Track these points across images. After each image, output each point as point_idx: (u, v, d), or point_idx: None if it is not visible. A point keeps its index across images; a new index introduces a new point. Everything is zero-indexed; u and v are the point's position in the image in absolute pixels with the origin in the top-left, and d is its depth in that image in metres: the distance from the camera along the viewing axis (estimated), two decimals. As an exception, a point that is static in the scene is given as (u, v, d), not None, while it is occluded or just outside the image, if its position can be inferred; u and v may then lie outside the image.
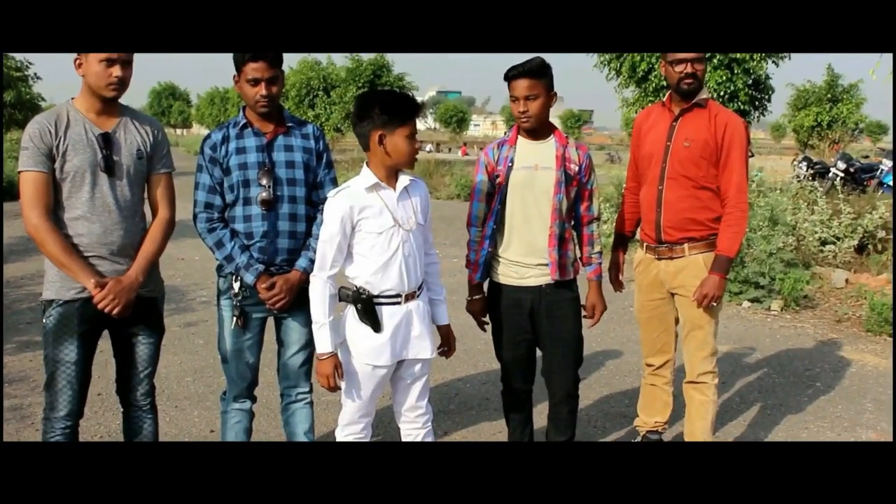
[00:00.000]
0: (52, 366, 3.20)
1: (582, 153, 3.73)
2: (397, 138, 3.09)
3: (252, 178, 3.46)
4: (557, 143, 3.67)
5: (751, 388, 5.75)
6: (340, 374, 3.24)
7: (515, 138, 3.72)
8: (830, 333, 7.37)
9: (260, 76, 3.36)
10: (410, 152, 3.13)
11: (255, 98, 3.40)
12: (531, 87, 3.52)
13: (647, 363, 4.32)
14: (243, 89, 3.43)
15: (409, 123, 3.09)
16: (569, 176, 3.65)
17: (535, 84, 3.53)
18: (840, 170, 18.50)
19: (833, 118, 28.81)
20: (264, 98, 3.39)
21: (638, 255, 4.25)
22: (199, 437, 4.65)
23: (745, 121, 3.93)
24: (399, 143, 3.10)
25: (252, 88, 3.39)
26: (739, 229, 3.85)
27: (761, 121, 18.14)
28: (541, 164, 3.64)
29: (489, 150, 3.77)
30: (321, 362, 3.23)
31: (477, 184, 3.78)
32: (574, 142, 3.77)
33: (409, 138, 3.10)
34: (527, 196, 3.65)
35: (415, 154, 3.16)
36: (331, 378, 3.21)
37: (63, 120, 3.14)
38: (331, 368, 3.20)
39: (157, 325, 3.47)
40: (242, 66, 3.37)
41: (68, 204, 3.15)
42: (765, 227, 9.25)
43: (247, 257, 3.46)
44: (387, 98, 3.13)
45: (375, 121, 3.09)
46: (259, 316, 3.60)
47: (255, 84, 3.37)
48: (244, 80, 3.40)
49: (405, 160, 3.14)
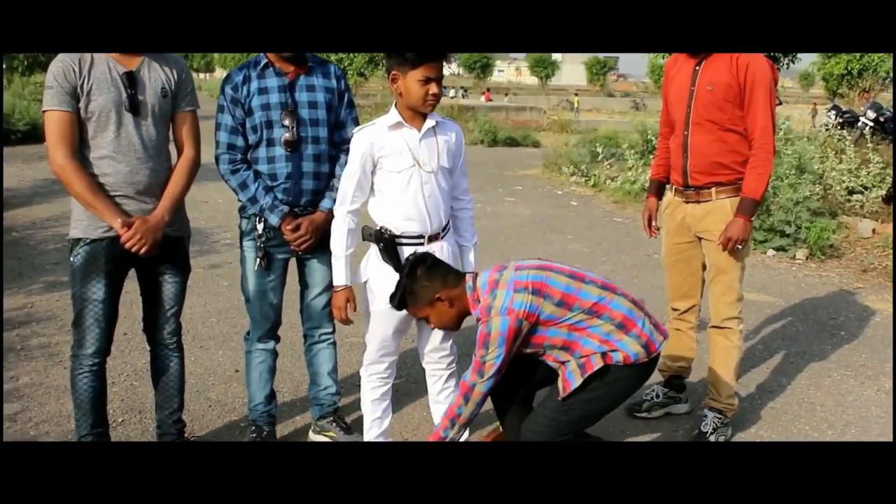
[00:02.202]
0: (80, 304, 3.22)
1: None
2: (409, 81, 3.06)
3: (275, 118, 3.43)
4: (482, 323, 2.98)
5: (774, 336, 5.74)
6: (353, 307, 3.29)
7: None
8: (856, 283, 7.30)
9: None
10: (421, 96, 3.07)
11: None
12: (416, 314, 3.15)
13: (672, 307, 4.31)
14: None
15: (420, 67, 3.03)
16: None
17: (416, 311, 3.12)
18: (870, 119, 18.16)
19: (864, 67, 28.21)
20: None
21: (666, 198, 4.22)
22: (224, 376, 4.71)
23: (770, 61, 3.85)
24: (410, 86, 3.06)
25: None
26: (765, 171, 3.78)
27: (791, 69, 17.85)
28: None
29: None
30: (336, 294, 3.29)
31: None
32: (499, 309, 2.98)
33: (422, 82, 3.04)
34: None
35: (428, 98, 3.08)
36: (342, 311, 3.28)
37: (87, 59, 3.11)
38: (343, 301, 3.26)
39: (184, 264, 3.49)
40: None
41: (94, 143, 3.14)
42: (791, 176, 9.14)
43: (271, 198, 3.45)
44: None
45: (392, 59, 3.08)
46: (282, 257, 3.61)
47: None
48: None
49: (416, 103, 3.09)
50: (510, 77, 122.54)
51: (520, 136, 21.20)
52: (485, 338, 2.86)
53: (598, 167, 13.24)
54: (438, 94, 3.10)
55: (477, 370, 2.90)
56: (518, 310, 2.83)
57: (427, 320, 3.13)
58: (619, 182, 12.03)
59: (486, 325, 2.86)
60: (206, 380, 4.65)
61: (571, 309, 2.91)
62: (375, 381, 3.40)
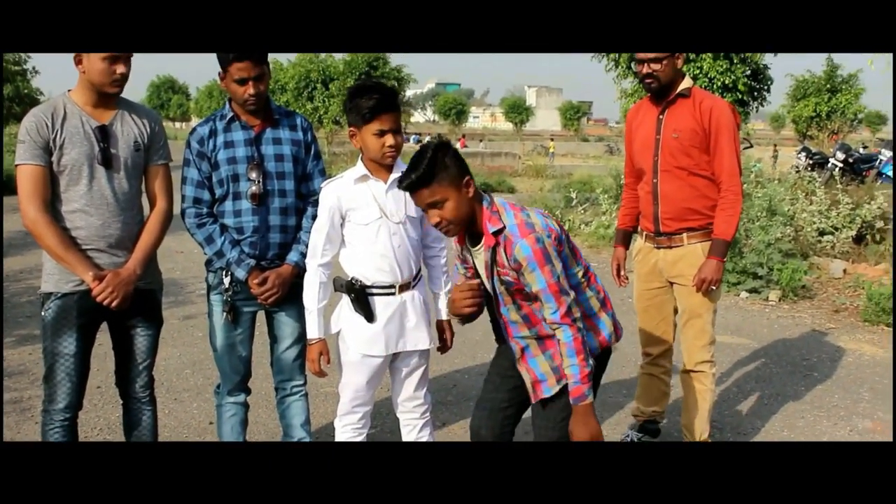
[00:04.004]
0: (51, 358, 3.21)
1: (509, 256, 2.78)
2: (365, 135, 3.10)
3: (241, 172, 3.44)
4: (484, 248, 2.88)
5: (748, 378, 5.77)
6: (327, 359, 3.30)
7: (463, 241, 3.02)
8: (828, 323, 7.38)
9: (247, 75, 3.32)
10: (378, 149, 3.10)
11: (243, 97, 3.37)
12: (431, 195, 2.78)
13: (644, 352, 4.34)
14: (230, 88, 3.39)
15: (374, 121, 3.06)
16: (508, 281, 2.86)
17: (434, 190, 2.77)
18: (839, 160, 18.52)
19: (832, 108, 28.68)
20: (252, 97, 3.36)
21: (637, 245, 4.27)
22: (199, 428, 4.67)
23: (731, 105, 3.94)
24: (367, 140, 3.11)
25: (240, 87, 3.35)
26: (734, 212, 3.85)
27: (760, 111, 18.11)
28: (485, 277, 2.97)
29: None
30: (310, 347, 3.31)
31: None
32: (504, 237, 2.80)
33: (377, 135, 3.08)
34: None
35: (385, 150, 3.10)
36: (315, 363, 3.30)
37: (60, 112, 3.14)
38: (316, 354, 3.28)
39: (156, 316, 3.47)
40: (228, 65, 3.33)
41: (66, 197, 3.15)
42: (763, 218, 9.26)
43: (238, 252, 3.45)
44: (354, 94, 3.13)
45: (349, 116, 3.15)
46: (250, 310, 3.60)
47: (242, 83, 3.34)
48: (231, 80, 3.36)
49: (375, 156, 3.13)
50: (485, 123, 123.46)
51: (495, 182, 21.38)
52: (554, 287, 2.75)
53: (573, 212, 13.33)
54: (396, 144, 3.13)
55: (565, 311, 2.77)
56: (555, 230, 2.85)
57: (436, 207, 2.79)
58: (593, 226, 12.12)
59: (540, 272, 2.74)
60: (181, 433, 4.61)
61: (577, 262, 2.98)
62: (350, 431, 3.39)
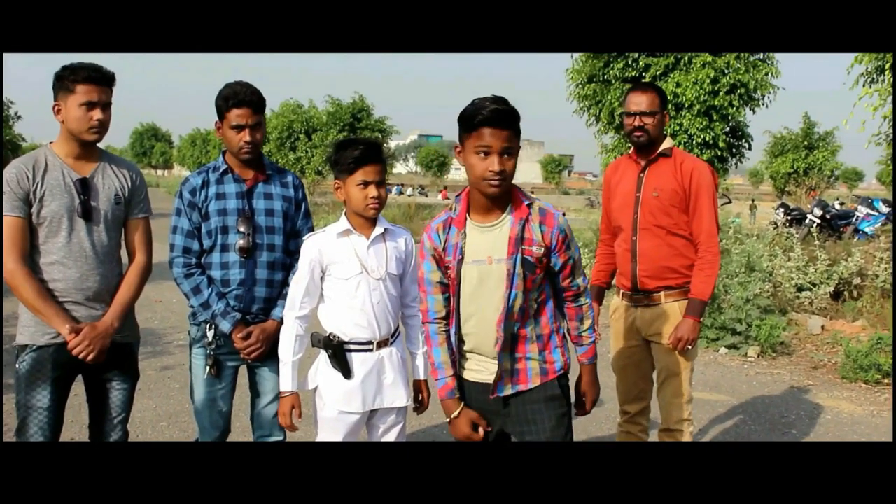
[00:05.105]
0: (24, 411, 3.18)
1: (549, 230, 2.84)
2: (349, 186, 3.14)
3: (231, 224, 3.46)
4: (513, 221, 2.84)
5: (726, 436, 5.76)
6: (298, 413, 3.28)
7: (464, 219, 2.90)
8: (806, 380, 7.40)
9: (244, 122, 3.37)
10: (361, 200, 3.13)
11: (238, 144, 3.41)
12: (510, 139, 2.71)
13: (622, 410, 4.32)
14: (226, 135, 3.44)
15: (357, 171, 3.11)
16: (529, 263, 2.84)
17: (517, 133, 2.74)
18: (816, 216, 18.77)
19: (809, 165, 29.22)
20: (248, 144, 3.41)
21: (614, 303, 4.28)
22: (173, 483, 4.59)
23: (710, 166, 4.00)
24: (351, 191, 3.14)
25: (236, 135, 3.40)
26: (712, 272, 3.90)
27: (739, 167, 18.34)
28: (494, 255, 2.85)
29: (433, 232, 2.95)
30: (282, 400, 3.27)
31: (424, 274, 2.97)
32: (541, 210, 2.86)
33: (361, 186, 3.12)
34: (480, 296, 2.90)
35: (368, 202, 3.13)
36: (287, 417, 3.27)
37: (41, 164, 3.15)
38: (288, 407, 3.25)
39: (132, 370, 3.45)
40: (226, 111, 3.39)
41: (44, 249, 3.15)
42: (741, 274, 9.33)
43: (223, 305, 3.45)
44: (339, 147, 3.18)
45: (334, 170, 3.19)
46: (233, 364, 3.58)
47: (239, 130, 3.39)
48: (227, 126, 3.41)
49: (358, 207, 3.16)
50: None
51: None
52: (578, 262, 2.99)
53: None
54: (379, 196, 3.16)
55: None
56: None
57: (509, 154, 2.71)
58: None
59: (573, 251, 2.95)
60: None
61: None
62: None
